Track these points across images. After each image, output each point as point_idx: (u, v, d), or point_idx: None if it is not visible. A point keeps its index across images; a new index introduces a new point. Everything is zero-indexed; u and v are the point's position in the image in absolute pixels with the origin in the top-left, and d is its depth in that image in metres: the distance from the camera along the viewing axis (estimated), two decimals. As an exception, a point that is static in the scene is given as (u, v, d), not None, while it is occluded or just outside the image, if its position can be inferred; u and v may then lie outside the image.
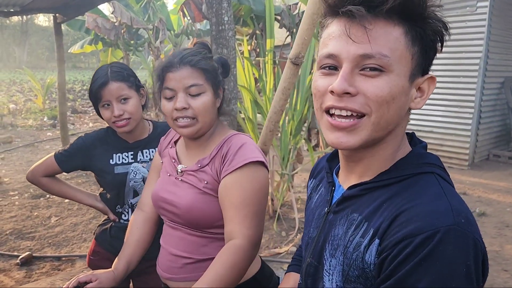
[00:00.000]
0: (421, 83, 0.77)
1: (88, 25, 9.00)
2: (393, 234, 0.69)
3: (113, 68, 1.69)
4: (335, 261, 0.80)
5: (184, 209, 1.30)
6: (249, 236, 1.20)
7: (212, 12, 3.55)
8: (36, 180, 1.81)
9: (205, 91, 1.28)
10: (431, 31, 0.74)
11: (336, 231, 0.81)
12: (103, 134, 1.81)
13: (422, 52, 0.75)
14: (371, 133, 0.75)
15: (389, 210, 0.73)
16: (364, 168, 0.82)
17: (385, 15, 0.72)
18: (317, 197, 0.96)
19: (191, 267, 1.34)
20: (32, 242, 4.10)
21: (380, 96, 0.72)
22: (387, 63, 0.72)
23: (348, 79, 0.73)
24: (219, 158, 1.28)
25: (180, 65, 1.27)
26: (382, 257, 0.70)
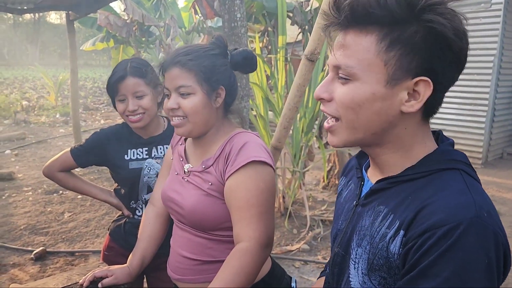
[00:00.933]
0: (412, 86, 0.76)
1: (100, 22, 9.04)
2: (418, 226, 0.72)
3: (132, 64, 1.71)
4: (361, 250, 0.83)
5: (188, 211, 1.28)
6: (256, 237, 1.17)
7: (225, 9, 3.55)
8: (52, 175, 1.83)
9: (194, 92, 1.25)
10: (419, 32, 0.73)
11: (363, 222, 0.85)
12: (118, 130, 1.82)
13: (405, 55, 0.74)
14: (349, 135, 0.81)
15: (414, 203, 0.75)
16: (385, 164, 0.85)
17: (358, 24, 0.76)
18: (347, 192, 1.00)
19: (198, 268, 1.33)
20: (45, 237, 4.15)
21: (343, 102, 0.79)
22: (351, 72, 0.77)
23: (326, 85, 0.82)
24: (222, 158, 1.26)
25: (172, 65, 1.26)
26: (406, 248, 0.73)
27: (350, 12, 0.75)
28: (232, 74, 1.33)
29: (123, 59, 7.73)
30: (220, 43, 1.32)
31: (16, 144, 8.26)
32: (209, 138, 1.34)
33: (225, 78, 1.29)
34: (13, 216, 4.67)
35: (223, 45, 1.32)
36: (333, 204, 4.92)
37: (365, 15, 0.74)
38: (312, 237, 4.00)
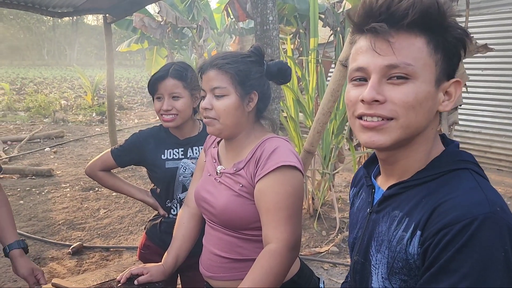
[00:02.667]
0: (448, 87, 0.83)
1: (135, 24, 9.32)
2: (433, 225, 0.74)
3: (176, 66, 1.79)
4: (381, 255, 0.85)
5: (219, 210, 1.34)
6: (284, 239, 1.21)
7: (257, 12, 3.59)
8: (94, 173, 1.92)
9: (228, 94, 1.31)
10: (452, 39, 0.81)
11: (380, 228, 0.87)
12: (156, 131, 1.90)
13: (445, 58, 0.81)
14: (401, 134, 0.81)
15: (428, 204, 0.78)
16: (402, 169, 0.87)
17: (406, 28, 0.79)
18: (359, 201, 1.02)
19: (228, 266, 1.38)
20: (82, 232, 4.31)
21: (407, 102, 0.79)
22: (411, 71, 0.79)
23: (376, 88, 0.81)
24: (253, 162, 1.30)
25: (209, 67, 1.33)
26: (424, 247, 0.75)
27: (410, 14, 0.78)
28: (267, 82, 1.39)
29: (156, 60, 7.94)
30: (257, 52, 1.38)
31: (55, 142, 8.58)
32: (241, 141, 1.39)
33: (259, 84, 1.35)
34: (52, 211, 4.87)
35: (260, 54, 1.38)
36: (363, 206, 4.87)
37: (419, 19, 0.78)
38: (341, 240, 3.99)
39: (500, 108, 6.34)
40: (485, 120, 6.50)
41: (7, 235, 1.67)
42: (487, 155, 6.51)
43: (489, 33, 6.09)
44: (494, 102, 6.36)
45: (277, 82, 1.40)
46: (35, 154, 7.58)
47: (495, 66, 6.20)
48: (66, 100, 14.39)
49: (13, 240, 1.66)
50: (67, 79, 23.40)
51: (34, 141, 8.55)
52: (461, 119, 6.59)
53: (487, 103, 6.39)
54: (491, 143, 6.50)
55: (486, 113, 6.46)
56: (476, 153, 6.59)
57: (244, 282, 1.19)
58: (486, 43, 3.01)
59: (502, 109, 6.33)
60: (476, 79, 6.30)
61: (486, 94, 6.35)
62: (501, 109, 6.34)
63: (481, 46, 2.97)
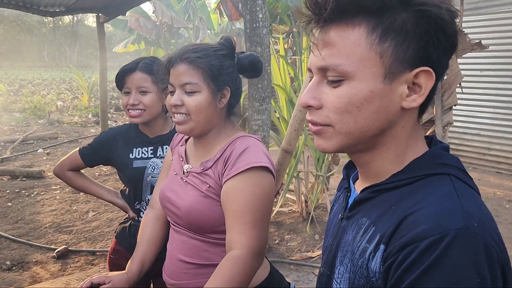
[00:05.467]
0: (412, 78, 0.68)
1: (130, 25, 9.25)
2: (398, 239, 0.63)
3: (146, 60, 1.74)
4: (343, 268, 0.75)
5: (184, 211, 1.27)
6: (249, 245, 1.14)
7: (247, 10, 3.50)
8: (62, 174, 1.86)
9: (200, 90, 1.24)
10: (414, 17, 0.65)
11: (346, 237, 0.77)
12: (125, 129, 1.84)
13: (401, 44, 0.67)
14: (342, 140, 0.72)
15: (397, 213, 0.66)
16: (375, 171, 0.76)
17: (337, 21, 0.68)
18: (336, 206, 0.92)
19: (194, 272, 1.30)
20: (69, 235, 4.21)
21: (338, 108, 0.69)
22: (342, 71, 0.68)
23: (313, 91, 0.72)
24: (221, 161, 1.24)
25: (179, 61, 1.25)
26: (387, 265, 0.64)
27: (335, 4, 0.66)
28: (238, 76, 1.33)
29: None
30: (228, 44, 1.31)
31: (49, 143, 8.50)
32: (211, 139, 1.32)
33: (232, 79, 1.29)
34: (40, 214, 4.78)
35: (232, 46, 1.31)
36: (358, 210, 4.78)
37: (351, 6, 0.66)
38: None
39: (499, 110, 6.24)
40: (484, 121, 6.40)
41: None
42: (485, 157, 6.41)
43: (488, 33, 5.99)
44: (493, 103, 6.27)
45: (247, 76, 1.33)
46: (27, 156, 7.50)
47: (494, 67, 6.11)
48: (62, 101, 14.32)
49: None
50: (66, 81, 23.36)
51: (27, 142, 8.47)
52: (459, 120, 6.49)
53: (486, 104, 6.29)
54: (490, 145, 6.39)
55: (485, 114, 6.36)
56: (475, 155, 6.50)
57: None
58: (481, 41, 2.91)
59: (501, 111, 6.23)
60: (474, 80, 6.21)
61: (485, 95, 6.26)
62: (500, 110, 6.24)
63: (475, 43, 2.87)
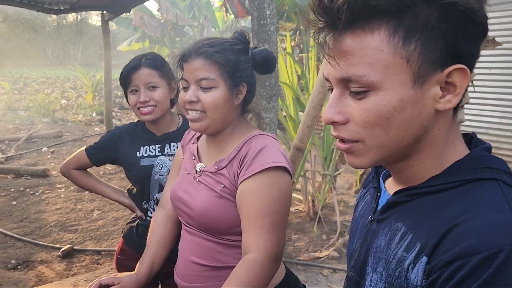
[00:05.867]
0: (445, 78, 0.62)
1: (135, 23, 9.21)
2: (444, 252, 0.57)
3: (147, 56, 1.70)
4: (377, 277, 0.69)
5: (198, 212, 1.22)
6: (267, 249, 1.09)
7: (254, 6, 3.45)
8: (68, 173, 1.84)
9: (217, 86, 1.19)
10: (439, 11, 0.59)
11: (378, 242, 0.71)
12: (132, 127, 1.81)
13: (428, 44, 0.60)
14: (376, 154, 0.67)
15: (439, 221, 0.61)
16: (412, 175, 0.70)
17: (353, 27, 0.61)
18: (362, 205, 0.86)
19: (207, 275, 1.25)
20: (74, 234, 4.18)
21: (367, 122, 0.63)
22: (367, 82, 0.62)
23: (335, 105, 0.66)
24: (237, 160, 1.19)
25: (195, 56, 1.19)
26: (431, 279, 0.58)
27: (348, 10, 0.59)
28: (253, 72, 1.28)
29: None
30: (243, 39, 1.25)
31: (53, 141, 8.47)
32: (225, 137, 1.27)
33: (248, 75, 1.24)
34: (45, 212, 4.75)
35: (246, 41, 1.26)
36: (365, 209, 4.73)
37: (366, 10, 0.59)
38: (342, 244, 3.83)
39: (508, 108, 6.17)
40: (493, 120, 6.33)
41: None
42: (494, 156, 6.34)
43: (497, 31, 5.92)
44: (501, 102, 6.19)
45: (260, 72, 1.28)
46: (32, 154, 7.47)
47: (503, 65, 6.04)
48: (67, 99, 14.32)
49: None
50: (70, 79, 23.36)
51: (32, 140, 8.45)
52: (467, 119, 6.42)
53: (495, 103, 6.22)
54: (499, 144, 6.32)
55: (494, 113, 6.29)
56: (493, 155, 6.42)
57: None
58: (494, 37, 2.85)
59: (510, 109, 6.16)
60: (483, 78, 6.14)
61: (494, 94, 6.18)
62: (509, 109, 6.17)
63: (488, 40, 2.81)
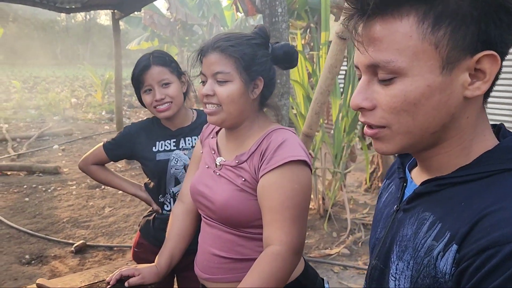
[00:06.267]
0: (474, 65, 0.62)
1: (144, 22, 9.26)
2: (475, 241, 0.58)
3: (154, 54, 1.72)
4: (403, 264, 0.70)
5: (219, 206, 1.23)
6: (289, 242, 1.11)
7: (266, 4, 3.47)
8: (86, 168, 1.87)
9: (232, 80, 1.20)
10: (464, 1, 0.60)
11: (405, 231, 0.72)
12: (147, 123, 1.84)
13: (459, 29, 0.61)
14: (403, 140, 0.68)
15: (469, 211, 0.61)
16: (439, 164, 0.71)
17: (388, 10, 0.62)
18: (387, 195, 0.87)
19: (228, 267, 1.27)
20: (86, 230, 4.23)
21: (394, 107, 0.65)
22: (395, 67, 0.63)
23: (364, 91, 0.68)
24: (258, 154, 1.20)
25: (211, 50, 1.21)
26: (462, 267, 0.59)
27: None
28: (272, 67, 1.28)
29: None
30: (262, 33, 1.26)
31: (64, 139, 8.56)
32: (243, 131, 1.28)
33: (265, 69, 1.24)
34: (57, 209, 4.81)
35: (266, 36, 1.27)
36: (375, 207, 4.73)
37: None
38: (352, 241, 3.84)
39: (519, 107, 6.13)
40: (502, 119, 6.30)
41: None
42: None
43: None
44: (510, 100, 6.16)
45: (282, 67, 1.29)
46: (43, 152, 7.56)
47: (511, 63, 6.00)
48: (76, 98, 14.44)
49: None
50: (79, 78, 23.54)
51: (43, 138, 8.54)
52: (505, 109, 6.38)
53: (503, 101, 6.19)
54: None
55: (503, 111, 6.26)
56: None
57: (243, 285, 1.08)
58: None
59: (521, 108, 6.12)
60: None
61: (502, 92, 6.15)
62: (520, 107, 6.13)
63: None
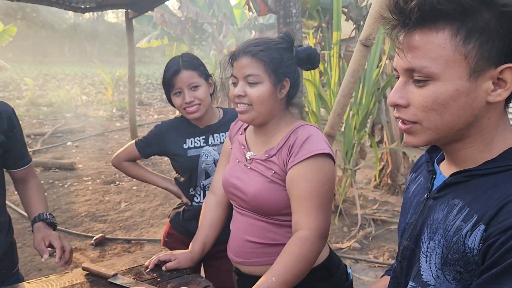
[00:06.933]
0: (497, 74, 0.73)
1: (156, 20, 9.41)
2: (501, 222, 0.69)
3: (184, 58, 1.81)
4: (434, 243, 0.81)
5: (251, 196, 1.34)
6: (316, 227, 1.23)
7: (280, 5, 3.58)
8: (119, 164, 1.97)
9: (262, 81, 1.31)
10: (495, 17, 0.70)
11: (435, 216, 0.83)
12: (177, 121, 1.93)
13: (486, 44, 0.72)
14: (431, 136, 0.79)
15: (494, 197, 0.73)
16: (465, 158, 0.82)
17: (421, 25, 0.74)
18: (415, 186, 0.99)
19: (260, 251, 1.38)
20: (104, 224, 4.36)
21: (425, 106, 0.77)
22: (429, 72, 0.74)
23: (400, 91, 0.80)
24: (286, 148, 1.32)
25: (242, 54, 1.33)
26: (487, 244, 0.70)
27: (418, 12, 0.72)
28: (297, 68, 1.39)
29: (176, 55, 7.85)
30: (288, 38, 1.38)
31: (77, 136, 8.72)
32: (271, 128, 1.39)
33: (291, 71, 1.36)
34: (75, 203, 4.95)
35: (290, 40, 1.38)
36: (385, 203, 4.83)
37: (433, 12, 0.72)
38: (363, 236, 3.94)
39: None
40: (511, 117, 6.34)
41: (34, 209, 1.64)
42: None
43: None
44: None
45: (305, 68, 1.40)
46: (57, 148, 7.72)
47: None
48: (87, 95, 14.61)
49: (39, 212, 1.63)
50: (88, 76, 23.74)
51: (56, 135, 8.70)
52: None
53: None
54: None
55: None
56: None
57: (274, 268, 1.19)
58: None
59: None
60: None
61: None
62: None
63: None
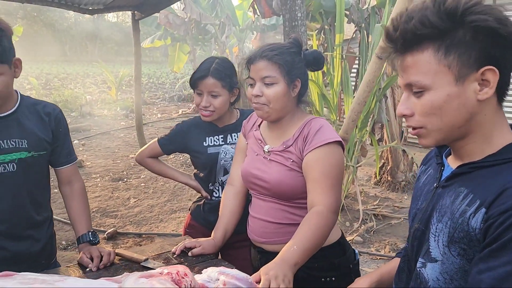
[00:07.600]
0: (480, 76, 0.87)
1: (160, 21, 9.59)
2: (500, 205, 0.82)
3: (216, 66, 1.90)
4: (442, 225, 0.95)
5: (273, 184, 1.52)
6: (329, 204, 1.41)
7: (286, 9, 3.73)
8: (143, 161, 2.12)
9: (277, 82, 1.48)
10: (467, 33, 0.85)
11: (443, 201, 0.97)
12: (197, 121, 2.06)
13: (464, 54, 0.86)
14: (438, 135, 0.93)
15: (495, 185, 0.86)
16: (469, 152, 0.96)
17: (409, 48, 0.90)
18: (425, 177, 1.13)
19: (282, 231, 1.55)
20: (115, 220, 4.52)
21: (425, 112, 0.92)
22: (422, 84, 0.90)
23: (405, 103, 0.96)
24: (301, 138, 1.50)
25: (259, 58, 1.50)
26: (487, 224, 0.83)
27: (403, 40, 0.90)
28: (306, 70, 1.57)
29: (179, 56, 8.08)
30: (297, 43, 1.56)
31: (83, 135, 8.87)
32: (286, 122, 1.57)
33: (301, 73, 1.54)
34: (85, 200, 5.09)
35: (300, 45, 1.56)
36: (385, 199, 4.99)
37: (416, 38, 0.88)
38: (365, 230, 4.10)
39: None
40: (509, 116, 6.45)
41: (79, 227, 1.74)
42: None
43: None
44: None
45: (312, 69, 1.58)
46: (64, 146, 7.84)
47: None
48: (90, 95, 14.74)
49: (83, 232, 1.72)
50: (90, 75, 23.85)
51: (63, 134, 8.82)
52: None
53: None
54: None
55: (510, 109, 6.41)
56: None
57: (294, 238, 1.35)
58: None
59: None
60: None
61: (510, 90, 6.30)
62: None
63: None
